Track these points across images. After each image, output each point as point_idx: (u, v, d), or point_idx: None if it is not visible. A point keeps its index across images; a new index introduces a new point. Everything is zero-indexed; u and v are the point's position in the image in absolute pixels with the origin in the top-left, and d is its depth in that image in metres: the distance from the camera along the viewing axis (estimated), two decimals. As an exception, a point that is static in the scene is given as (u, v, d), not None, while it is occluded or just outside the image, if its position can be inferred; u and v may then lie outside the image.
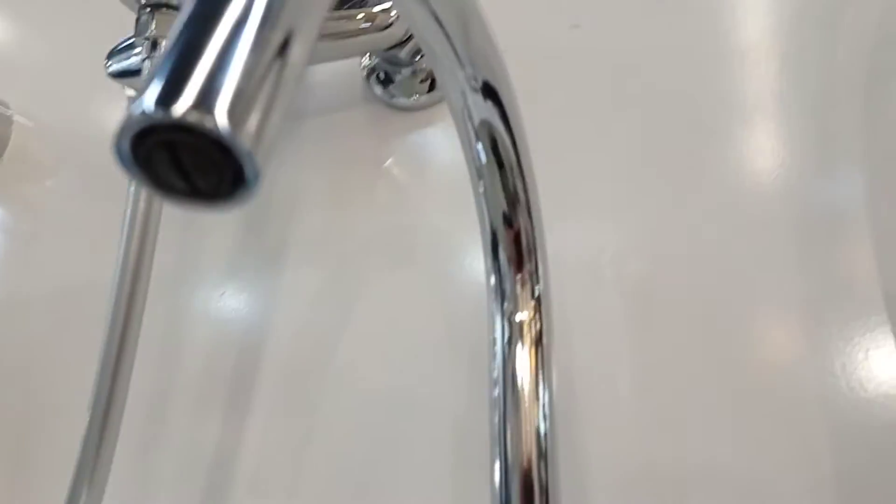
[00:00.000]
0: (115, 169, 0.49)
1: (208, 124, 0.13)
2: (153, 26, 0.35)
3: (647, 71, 0.39)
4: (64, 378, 0.45)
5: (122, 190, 0.47)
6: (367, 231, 0.42)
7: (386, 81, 0.42)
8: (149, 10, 0.35)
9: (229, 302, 0.43)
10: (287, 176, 0.45)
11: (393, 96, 0.42)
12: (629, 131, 0.39)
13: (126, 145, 0.14)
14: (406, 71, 0.42)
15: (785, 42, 0.37)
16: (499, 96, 0.26)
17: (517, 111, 0.26)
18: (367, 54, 0.43)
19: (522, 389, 0.28)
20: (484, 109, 0.26)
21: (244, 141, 0.13)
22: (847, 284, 0.33)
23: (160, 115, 0.13)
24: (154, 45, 0.35)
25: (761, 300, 0.33)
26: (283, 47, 0.14)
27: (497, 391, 0.28)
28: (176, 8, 0.35)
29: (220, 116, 0.13)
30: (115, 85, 0.50)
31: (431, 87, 0.42)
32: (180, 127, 0.13)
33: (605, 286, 0.36)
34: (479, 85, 0.25)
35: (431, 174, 0.42)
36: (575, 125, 0.39)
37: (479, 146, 0.27)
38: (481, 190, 0.28)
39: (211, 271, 0.44)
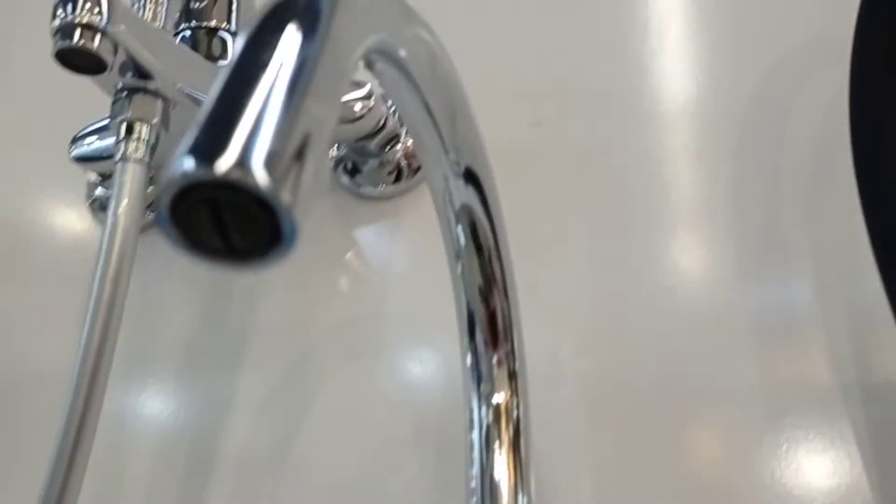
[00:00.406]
0: (68, 257, 0.48)
1: (250, 181, 0.13)
2: (129, 110, 0.36)
3: (606, 168, 0.41)
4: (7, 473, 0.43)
5: (77, 280, 0.47)
6: (330, 321, 0.42)
7: (353, 171, 0.44)
8: (125, 93, 0.36)
9: (183, 396, 0.42)
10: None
11: (360, 185, 0.44)
12: (588, 227, 0.40)
13: (166, 205, 0.14)
14: (374, 162, 0.43)
15: (736, 144, 0.40)
16: (480, 182, 0.27)
17: (496, 197, 0.28)
18: (336, 144, 0.44)
19: (500, 485, 0.28)
20: (465, 194, 0.27)
21: (284, 197, 0.13)
22: (799, 383, 0.34)
23: (202, 173, 0.13)
24: (130, 128, 0.36)
25: (716, 398, 0.35)
26: (315, 109, 0.15)
27: (474, 483, 0.28)
28: (153, 93, 0.36)
29: (261, 173, 0.13)
30: (68, 172, 0.50)
31: (398, 179, 0.43)
32: (222, 184, 0.13)
33: (562, 382, 0.36)
34: (461, 171, 0.27)
35: (397, 264, 0.42)
36: (534, 220, 0.40)
37: (459, 229, 0.28)
38: (459, 272, 0.28)
39: (165, 362, 0.43)
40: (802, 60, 0.42)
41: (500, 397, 0.28)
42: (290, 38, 0.16)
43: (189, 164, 0.13)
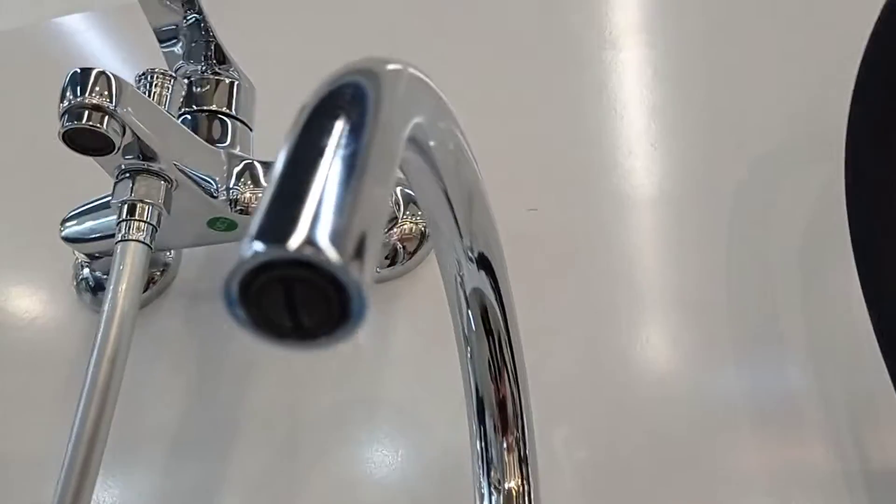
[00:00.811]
0: (52, 338, 0.47)
1: (321, 257, 0.13)
2: (133, 191, 0.36)
3: (598, 253, 0.42)
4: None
5: (60, 362, 0.46)
6: (322, 405, 0.41)
7: (348, 255, 0.44)
8: (128, 175, 0.36)
9: (169, 483, 0.41)
10: (241, 342, 0.44)
11: (355, 269, 0.43)
12: (580, 312, 0.41)
13: (237, 287, 0.14)
14: (369, 246, 0.43)
15: (729, 230, 0.41)
16: (492, 268, 0.27)
17: (508, 283, 0.28)
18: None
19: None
20: (477, 279, 0.27)
21: (354, 272, 0.14)
22: (799, 470, 0.34)
23: (275, 252, 0.13)
24: (132, 209, 0.36)
25: (717, 486, 0.35)
26: (373, 190, 0.15)
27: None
28: (156, 174, 0.36)
29: (330, 250, 0.14)
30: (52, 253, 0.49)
31: (393, 261, 0.43)
32: (294, 263, 0.14)
33: (560, 474, 0.36)
34: (475, 256, 0.27)
35: (390, 348, 0.42)
36: (530, 305, 0.41)
37: (469, 313, 0.28)
38: (468, 356, 0.28)
39: (151, 448, 0.42)
40: (793, 149, 0.44)
41: (511, 483, 0.28)
42: (343, 126, 0.17)
43: (260, 245, 0.14)
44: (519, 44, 0.53)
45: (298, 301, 0.14)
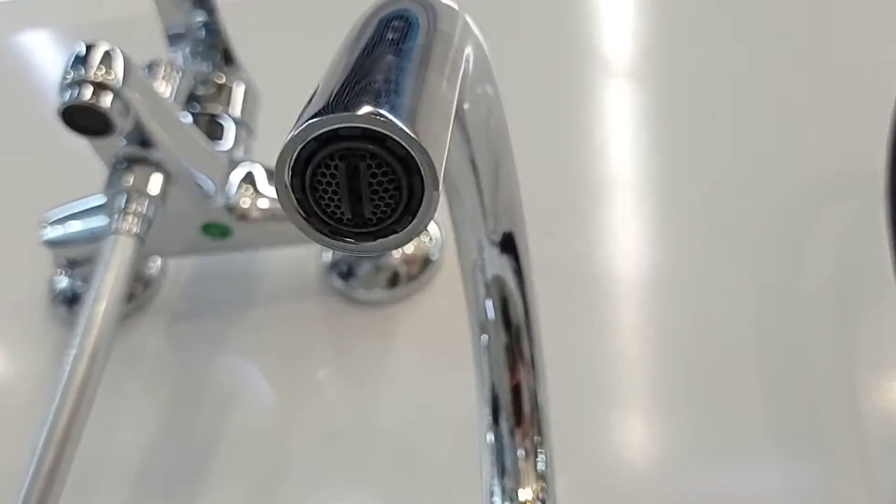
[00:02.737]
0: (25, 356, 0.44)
1: (396, 128, 0.12)
2: (130, 180, 0.34)
3: (615, 280, 0.41)
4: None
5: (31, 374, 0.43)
6: (311, 433, 0.39)
7: (347, 275, 0.42)
8: (125, 164, 0.35)
9: None
10: (225, 367, 0.42)
11: (353, 289, 0.42)
12: (602, 341, 0.39)
13: (288, 163, 0.13)
14: (370, 265, 0.42)
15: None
16: (517, 251, 0.26)
17: (531, 271, 0.27)
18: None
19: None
20: (498, 265, 0.26)
21: (430, 149, 0.12)
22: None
23: (342, 117, 0.12)
24: (127, 200, 0.34)
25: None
26: (438, 82, 0.14)
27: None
28: (155, 165, 0.35)
29: (404, 124, 0.12)
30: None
31: (394, 285, 0.42)
32: (363, 134, 0.12)
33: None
34: (498, 238, 0.26)
35: (387, 375, 0.40)
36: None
37: (489, 303, 0.26)
38: (484, 347, 0.27)
39: (113, 483, 0.39)
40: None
41: (526, 493, 0.26)
42: (400, 27, 0.15)
43: (323, 116, 0.12)
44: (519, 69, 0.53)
45: (363, 185, 0.12)
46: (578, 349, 0.39)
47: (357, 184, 0.12)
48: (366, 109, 0.12)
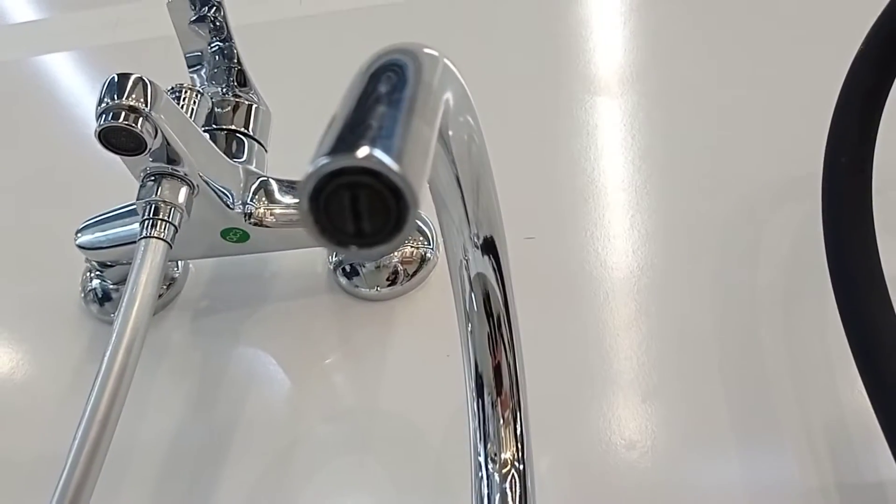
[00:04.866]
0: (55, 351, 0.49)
1: (384, 166, 0.16)
2: (159, 191, 0.38)
3: (590, 278, 0.45)
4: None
5: (61, 375, 0.47)
6: (320, 416, 0.43)
7: (351, 274, 0.47)
8: (153, 178, 0.39)
9: (163, 494, 0.42)
10: (242, 357, 0.46)
11: (356, 286, 0.46)
12: (577, 332, 0.43)
13: (307, 194, 0.17)
14: (371, 265, 0.46)
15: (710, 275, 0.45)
16: (497, 253, 0.30)
17: (509, 268, 0.31)
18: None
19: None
20: (481, 264, 0.30)
21: (410, 180, 0.17)
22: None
23: (346, 160, 0.17)
24: (156, 209, 0.38)
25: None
26: (422, 127, 0.19)
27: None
28: (181, 178, 0.39)
29: (391, 161, 0.17)
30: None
31: (393, 282, 0.46)
32: (361, 170, 0.17)
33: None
34: (480, 242, 0.30)
35: (389, 362, 0.44)
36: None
37: (472, 296, 0.31)
38: (469, 332, 0.31)
39: (143, 464, 0.43)
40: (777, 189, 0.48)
41: (506, 454, 0.31)
42: (395, 80, 0.20)
43: (331, 157, 0.17)
44: (509, 77, 0.57)
45: (362, 207, 0.17)
46: (556, 340, 0.43)
47: (358, 206, 0.17)
48: (364, 151, 0.17)
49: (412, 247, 0.47)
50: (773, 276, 0.44)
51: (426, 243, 0.47)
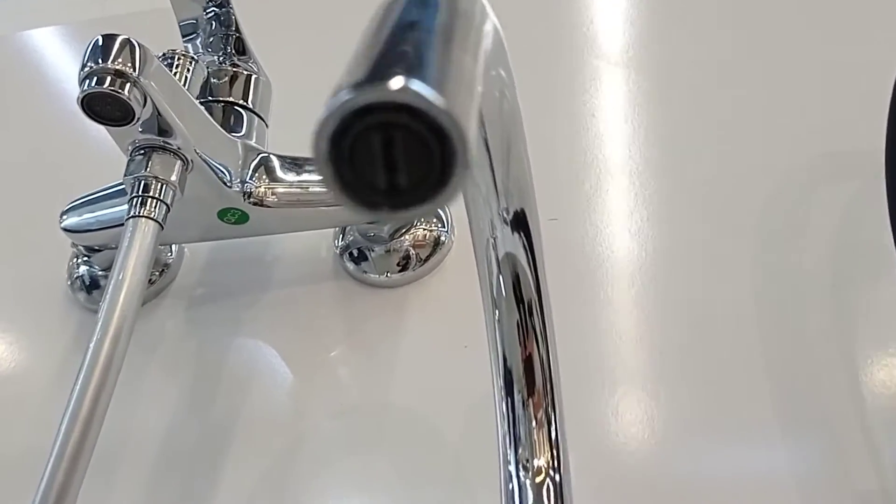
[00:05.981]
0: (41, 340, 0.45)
1: (426, 100, 0.13)
2: (149, 166, 0.35)
3: (618, 261, 0.42)
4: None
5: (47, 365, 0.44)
6: (327, 411, 0.40)
7: (359, 258, 0.43)
8: (143, 151, 0.36)
9: (152, 499, 0.39)
10: (241, 348, 0.43)
11: (365, 272, 0.43)
12: (607, 318, 0.40)
13: (326, 137, 0.13)
14: (381, 249, 0.43)
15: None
16: (528, 229, 0.27)
17: (542, 248, 0.27)
18: (343, 232, 0.44)
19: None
20: (510, 242, 0.27)
21: (460, 118, 0.13)
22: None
23: (377, 93, 0.13)
24: (146, 186, 0.35)
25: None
26: (464, 59, 0.15)
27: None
28: (173, 152, 0.36)
29: (435, 95, 0.13)
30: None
31: (405, 267, 0.43)
32: (397, 107, 0.13)
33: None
34: (510, 217, 0.27)
35: (400, 354, 0.41)
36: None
37: (500, 279, 0.27)
38: (497, 321, 0.28)
39: (144, 452, 0.40)
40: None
41: (540, 461, 0.27)
42: (425, 4, 0.16)
43: (357, 90, 0.13)
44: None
45: (398, 155, 0.13)
46: (581, 327, 0.40)
47: (392, 153, 0.13)
48: (399, 83, 0.13)
49: (425, 229, 0.43)
50: (815, 258, 0.40)
51: (440, 225, 0.44)
